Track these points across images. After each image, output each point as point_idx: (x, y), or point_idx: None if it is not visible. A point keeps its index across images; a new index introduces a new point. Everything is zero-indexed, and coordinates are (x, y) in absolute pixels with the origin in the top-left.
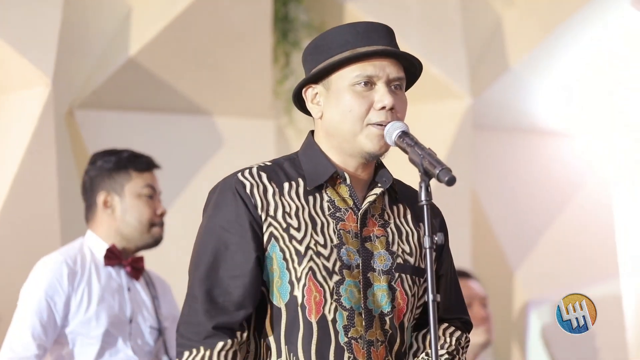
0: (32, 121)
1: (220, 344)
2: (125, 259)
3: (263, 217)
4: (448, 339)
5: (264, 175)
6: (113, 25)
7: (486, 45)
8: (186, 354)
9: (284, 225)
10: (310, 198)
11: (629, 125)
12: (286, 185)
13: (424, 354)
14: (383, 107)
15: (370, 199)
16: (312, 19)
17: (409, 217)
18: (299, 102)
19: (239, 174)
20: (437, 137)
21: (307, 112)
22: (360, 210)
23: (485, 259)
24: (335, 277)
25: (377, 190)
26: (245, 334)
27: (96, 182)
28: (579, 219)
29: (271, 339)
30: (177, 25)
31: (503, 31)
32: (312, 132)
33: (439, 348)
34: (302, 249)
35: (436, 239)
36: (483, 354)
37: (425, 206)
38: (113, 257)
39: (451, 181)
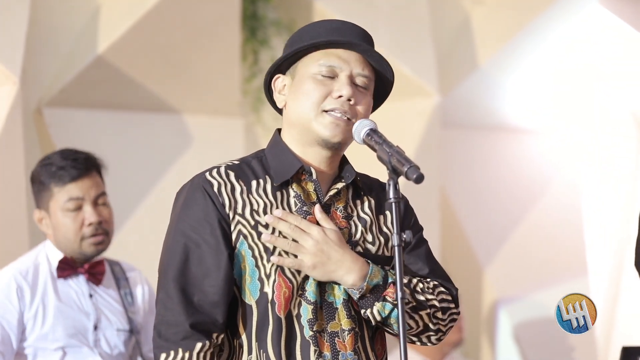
0: None
1: (198, 345)
2: (80, 266)
3: (231, 216)
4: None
5: (231, 174)
6: (81, 23)
7: (455, 43)
8: (163, 355)
9: (252, 223)
10: (278, 194)
11: (597, 124)
12: (254, 183)
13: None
14: (340, 97)
15: (331, 192)
16: (280, 16)
17: (373, 207)
18: (271, 96)
19: (207, 174)
20: (405, 135)
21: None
22: (320, 203)
23: (455, 256)
24: (303, 272)
25: (339, 185)
26: (221, 335)
27: (34, 198)
28: (547, 216)
29: (243, 336)
30: (145, 23)
31: (471, 29)
32: (278, 130)
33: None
34: (270, 245)
35: (405, 236)
36: (454, 352)
37: (393, 204)
38: (67, 267)
39: (419, 179)
